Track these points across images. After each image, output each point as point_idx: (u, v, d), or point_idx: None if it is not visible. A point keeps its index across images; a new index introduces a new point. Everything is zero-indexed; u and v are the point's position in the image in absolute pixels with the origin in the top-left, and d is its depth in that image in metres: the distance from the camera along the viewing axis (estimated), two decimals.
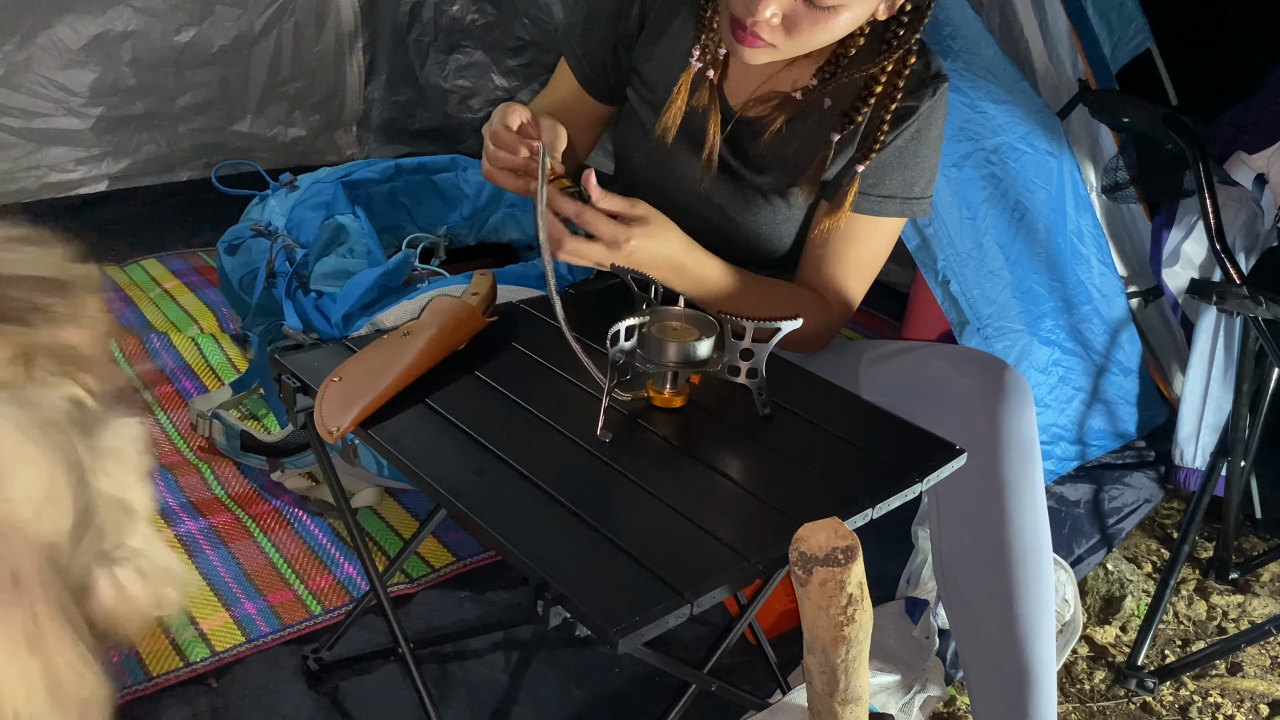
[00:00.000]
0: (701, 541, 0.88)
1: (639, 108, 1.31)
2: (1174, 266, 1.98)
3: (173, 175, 2.81)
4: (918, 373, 1.21)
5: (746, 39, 1.11)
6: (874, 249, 1.25)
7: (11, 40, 2.44)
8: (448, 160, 1.80)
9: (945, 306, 1.64)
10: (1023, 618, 1.13)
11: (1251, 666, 1.60)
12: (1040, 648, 1.14)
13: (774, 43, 1.10)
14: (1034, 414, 1.14)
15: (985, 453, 1.11)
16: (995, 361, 1.17)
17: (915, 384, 1.19)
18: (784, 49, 1.12)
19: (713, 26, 1.20)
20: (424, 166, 1.77)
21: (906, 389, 1.20)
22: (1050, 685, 1.15)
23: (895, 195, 1.21)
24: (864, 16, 1.11)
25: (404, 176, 1.75)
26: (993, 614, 1.14)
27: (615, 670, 1.40)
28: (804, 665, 0.87)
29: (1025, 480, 1.13)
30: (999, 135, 1.66)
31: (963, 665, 1.20)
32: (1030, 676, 1.14)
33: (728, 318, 1.02)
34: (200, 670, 1.34)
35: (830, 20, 1.08)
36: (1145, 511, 1.85)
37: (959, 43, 1.62)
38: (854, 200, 1.20)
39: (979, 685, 1.18)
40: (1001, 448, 1.11)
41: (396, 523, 1.63)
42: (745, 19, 1.08)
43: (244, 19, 2.76)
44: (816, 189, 1.23)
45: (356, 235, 1.51)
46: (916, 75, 1.18)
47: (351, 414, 1.00)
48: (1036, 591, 1.14)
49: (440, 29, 3.13)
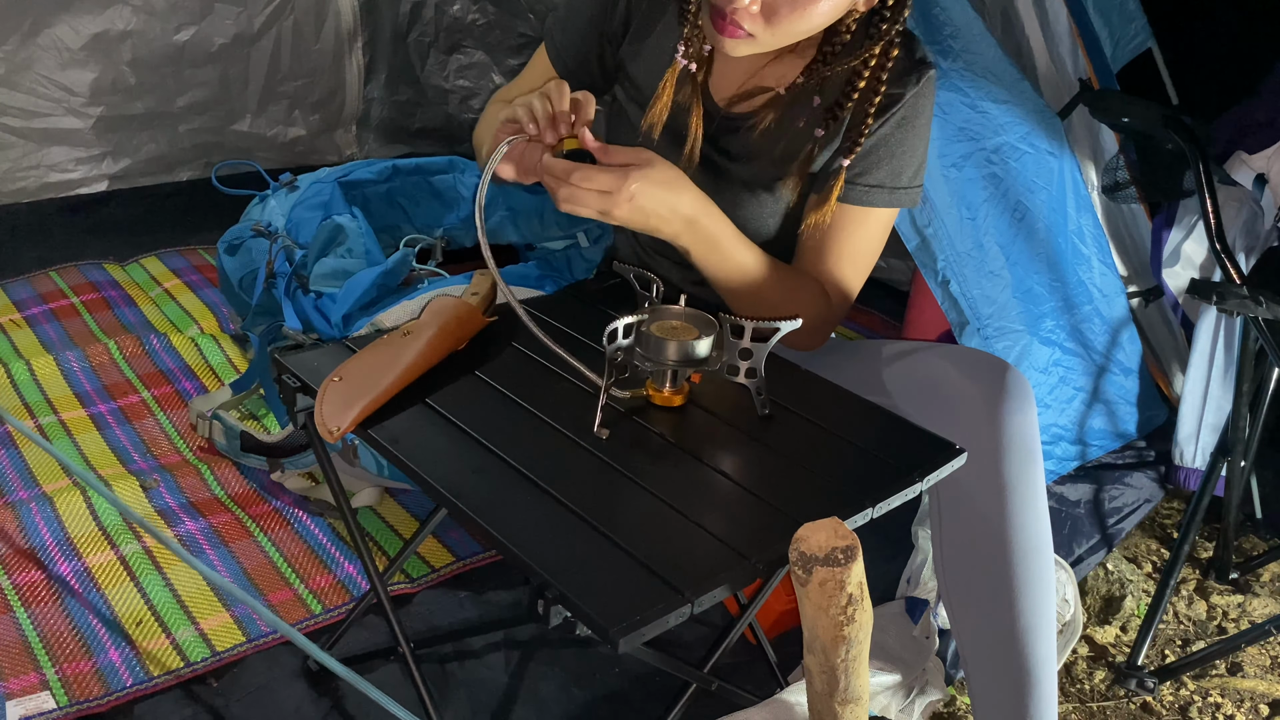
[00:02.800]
0: (702, 541, 0.88)
1: (626, 105, 1.31)
2: (1174, 266, 1.98)
3: (173, 175, 2.81)
4: (920, 373, 1.21)
5: (726, 28, 1.10)
6: (866, 240, 1.24)
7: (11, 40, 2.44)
8: (445, 162, 1.79)
9: (945, 306, 1.64)
10: (1024, 617, 1.13)
11: (1251, 666, 1.60)
12: (1041, 647, 1.14)
13: (754, 32, 1.10)
14: (1036, 414, 1.14)
15: (987, 453, 1.11)
16: (997, 362, 1.17)
17: (917, 384, 1.19)
18: (764, 39, 1.11)
19: (696, 23, 1.19)
20: (421, 168, 1.77)
21: (908, 389, 1.20)
22: (1051, 685, 1.15)
23: (883, 185, 1.21)
24: (844, 4, 1.11)
25: (401, 177, 1.75)
26: (994, 613, 1.14)
27: (615, 670, 1.40)
28: (804, 665, 0.87)
29: (1027, 480, 1.12)
30: (1000, 135, 1.66)
31: (963, 664, 1.20)
32: (1031, 676, 1.14)
33: (726, 317, 1.02)
34: (200, 670, 1.34)
35: (809, 8, 1.08)
36: (1145, 511, 1.85)
37: (959, 42, 1.61)
38: (841, 191, 1.20)
39: (980, 684, 1.18)
40: (1003, 448, 1.11)
41: (396, 523, 1.63)
42: (725, 8, 1.08)
43: (243, 17, 2.76)
44: (802, 183, 1.23)
45: (355, 235, 1.50)
46: (900, 64, 1.18)
47: (352, 414, 1.01)
48: (1037, 591, 1.14)
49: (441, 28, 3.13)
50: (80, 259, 2.40)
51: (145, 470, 1.71)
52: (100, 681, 1.31)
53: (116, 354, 2.02)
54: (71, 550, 1.51)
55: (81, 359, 1.99)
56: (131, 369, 1.99)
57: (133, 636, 1.38)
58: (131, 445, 1.78)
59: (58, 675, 1.32)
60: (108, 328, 2.14)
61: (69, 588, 1.45)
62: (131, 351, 2.03)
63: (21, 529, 1.54)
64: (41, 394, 1.90)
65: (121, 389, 1.93)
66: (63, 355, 1.99)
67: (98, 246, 2.48)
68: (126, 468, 1.72)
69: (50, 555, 1.50)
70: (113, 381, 1.95)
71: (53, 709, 1.27)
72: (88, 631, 1.39)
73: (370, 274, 1.41)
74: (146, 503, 1.62)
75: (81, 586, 1.46)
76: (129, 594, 1.45)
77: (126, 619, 1.41)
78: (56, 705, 1.27)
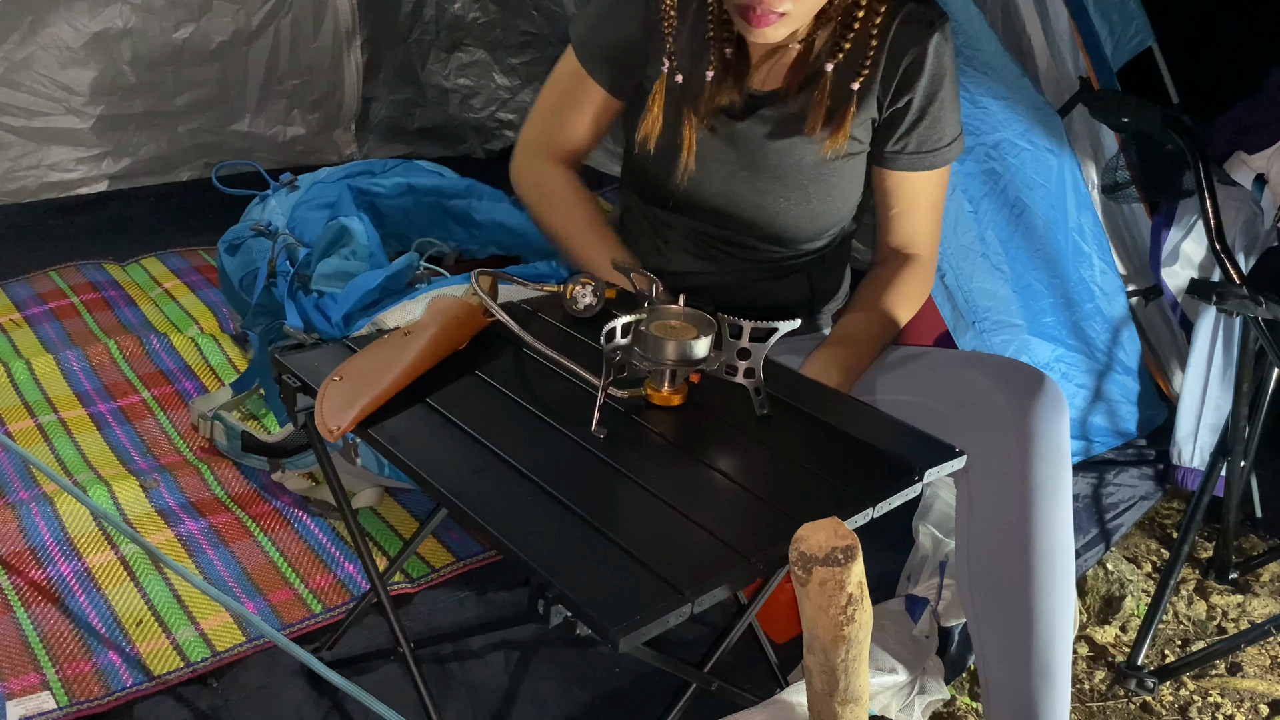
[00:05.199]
0: (702, 540, 0.88)
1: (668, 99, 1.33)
2: (1174, 266, 1.98)
3: (173, 175, 2.81)
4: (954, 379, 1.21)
5: (756, 19, 1.14)
6: (936, 200, 1.36)
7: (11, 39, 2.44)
8: (463, 187, 1.73)
9: (939, 300, 1.63)
10: (1045, 617, 1.14)
11: (1251, 666, 1.60)
12: (1058, 647, 1.15)
13: (784, 11, 1.13)
14: (1068, 422, 1.15)
15: (1019, 455, 1.12)
16: (1033, 371, 1.18)
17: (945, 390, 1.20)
18: (795, 12, 1.14)
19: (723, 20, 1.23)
20: (439, 190, 1.71)
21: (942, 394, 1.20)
22: (1065, 686, 1.16)
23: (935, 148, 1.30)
24: None
25: (415, 197, 1.70)
26: (1015, 612, 1.15)
27: (615, 670, 1.40)
28: (804, 665, 0.87)
29: (1057, 485, 1.14)
30: (999, 131, 1.66)
31: (978, 659, 1.20)
32: (1049, 675, 1.15)
33: (725, 316, 1.02)
34: (200, 670, 1.34)
35: None
36: (1144, 509, 1.85)
37: (960, 38, 1.61)
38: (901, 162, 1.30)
39: (996, 681, 1.18)
40: (1037, 451, 1.12)
41: (396, 523, 1.63)
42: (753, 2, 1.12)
43: (241, 14, 2.76)
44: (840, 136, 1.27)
45: (360, 238, 1.50)
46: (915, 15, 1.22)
47: (352, 413, 1.01)
48: (1059, 593, 1.15)
49: (442, 27, 3.13)
50: (80, 259, 2.40)
51: (145, 470, 1.70)
52: (100, 682, 1.31)
53: (116, 354, 2.02)
54: (71, 550, 1.51)
55: (81, 358, 1.99)
56: (131, 369, 1.99)
57: (133, 636, 1.38)
58: (131, 445, 1.78)
59: (58, 675, 1.32)
60: (108, 328, 2.14)
61: (69, 588, 1.45)
62: (131, 351, 2.03)
63: (21, 529, 1.54)
64: (41, 393, 1.90)
65: (121, 389, 1.93)
66: (63, 355, 1.99)
67: (98, 246, 2.48)
68: (126, 468, 1.72)
69: (50, 555, 1.50)
70: (113, 381, 1.95)
71: (53, 709, 1.27)
72: (88, 631, 1.39)
73: (375, 276, 1.41)
74: (146, 502, 1.62)
75: (81, 586, 1.46)
76: (129, 594, 1.45)
77: (126, 619, 1.41)
78: (56, 705, 1.27)
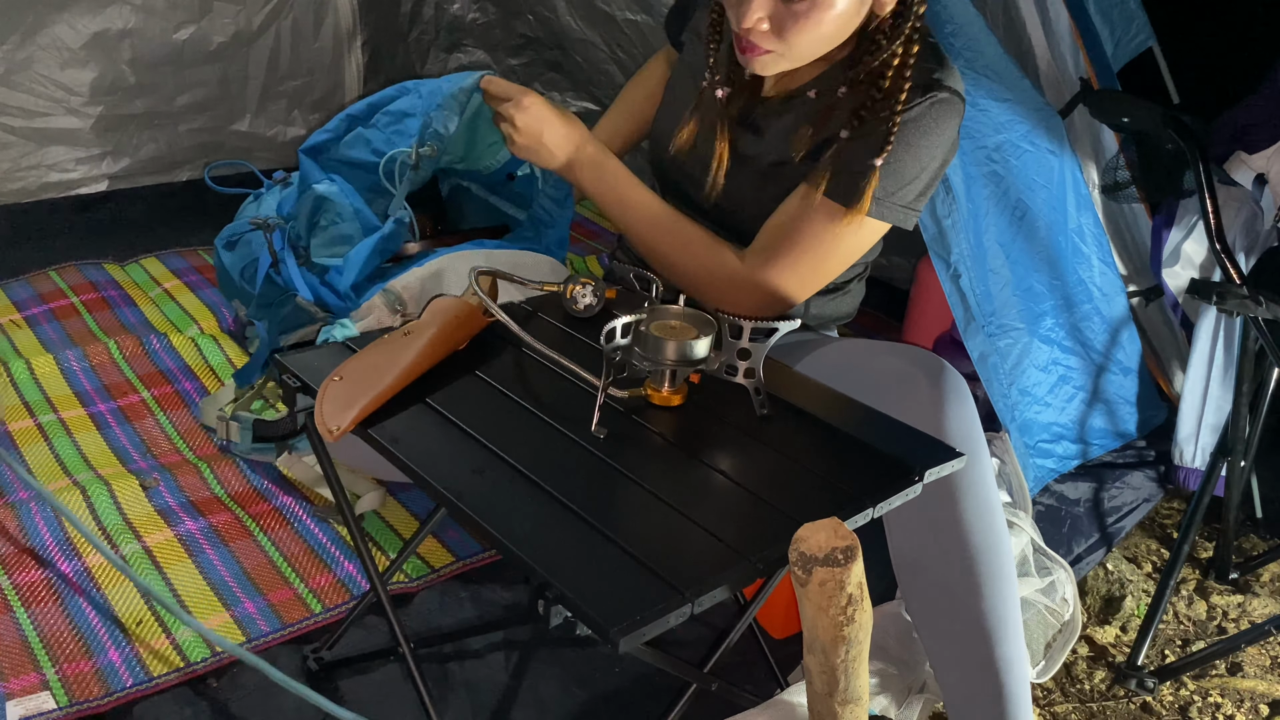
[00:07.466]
0: (702, 541, 0.88)
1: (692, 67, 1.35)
2: (1174, 266, 1.97)
3: (172, 175, 2.81)
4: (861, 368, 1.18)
5: (744, 48, 1.14)
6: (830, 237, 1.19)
7: (11, 39, 2.44)
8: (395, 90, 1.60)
9: (953, 301, 1.62)
10: (987, 617, 1.12)
11: (1251, 666, 1.60)
12: (1006, 647, 1.13)
13: (772, 48, 1.13)
14: (975, 411, 1.12)
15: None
16: (934, 360, 1.14)
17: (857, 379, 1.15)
18: (786, 54, 1.13)
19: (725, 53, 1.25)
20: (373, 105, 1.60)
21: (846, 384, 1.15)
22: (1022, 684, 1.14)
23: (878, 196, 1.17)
24: (853, 11, 1.11)
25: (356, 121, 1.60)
26: (954, 615, 1.14)
27: (615, 670, 1.40)
28: (804, 665, 0.87)
29: (974, 480, 1.11)
30: (1000, 133, 1.66)
31: (933, 667, 1.19)
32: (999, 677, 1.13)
33: (725, 316, 1.02)
34: (200, 670, 1.34)
35: (813, 17, 1.10)
36: (1145, 511, 1.85)
37: (960, 40, 1.61)
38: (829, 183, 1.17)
39: (950, 688, 1.17)
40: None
41: (396, 523, 1.63)
42: (740, 31, 1.12)
43: (242, 15, 2.76)
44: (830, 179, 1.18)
45: (339, 199, 1.47)
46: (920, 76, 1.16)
47: (352, 413, 1.01)
48: (996, 590, 1.12)
49: (441, 27, 3.13)
50: (80, 259, 2.40)
51: (145, 470, 1.70)
52: (100, 681, 1.31)
53: (116, 354, 2.02)
54: (71, 550, 1.51)
55: (81, 358, 1.99)
56: (131, 369, 1.99)
57: (133, 636, 1.38)
58: (131, 445, 1.78)
59: (58, 675, 1.32)
60: (108, 327, 2.14)
61: (69, 588, 1.45)
62: (131, 351, 2.03)
63: (21, 529, 1.54)
64: (41, 393, 1.90)
65: (121, 389, 1.93)
66: (62, 355, 1.99)
67: (97, 246, 2.47)
68: (126, 467, 1.72)
69: (50, 555, 1.50)
70: (112, 381, 1.95)
71: (53, 709, 1.27)
72: (88, 631, 1.39)
73: (368, 242, 1.39)
74: (146, 502, 1.62)
75: (81, 586, 1.46)
76: (129, 594, 1.45)
77: (126, 619, 1.41)
78: (56, 705, 1.27)
